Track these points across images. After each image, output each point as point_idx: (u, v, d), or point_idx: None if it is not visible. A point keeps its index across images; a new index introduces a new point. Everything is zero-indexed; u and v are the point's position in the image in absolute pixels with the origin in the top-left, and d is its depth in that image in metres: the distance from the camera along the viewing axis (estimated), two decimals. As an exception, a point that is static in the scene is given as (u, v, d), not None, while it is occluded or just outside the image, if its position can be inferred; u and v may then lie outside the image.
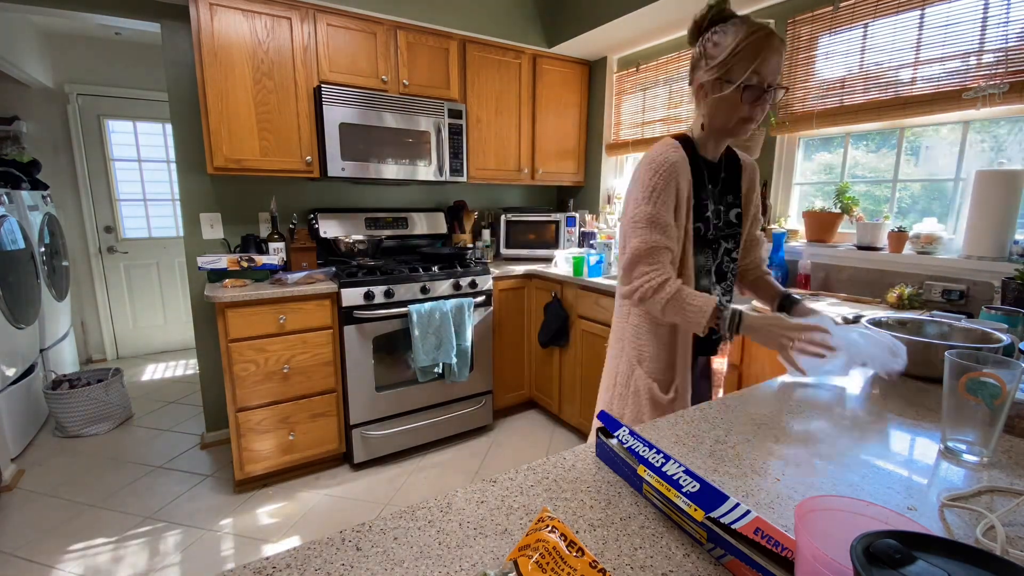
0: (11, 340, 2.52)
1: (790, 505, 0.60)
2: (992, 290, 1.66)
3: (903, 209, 2.05)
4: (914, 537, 0.35)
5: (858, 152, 2.17)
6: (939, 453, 0.73)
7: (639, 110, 3.06)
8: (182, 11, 2.31)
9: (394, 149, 2.53)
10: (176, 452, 2.62)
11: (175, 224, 4.16)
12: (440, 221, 3.10)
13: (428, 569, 0.49)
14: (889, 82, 1.91)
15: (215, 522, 2.05)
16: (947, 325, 1.08)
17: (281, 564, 0.50)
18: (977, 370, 0.68)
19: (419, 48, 2.62)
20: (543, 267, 2.91)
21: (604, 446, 0.69)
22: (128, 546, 1.91)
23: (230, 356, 2.08)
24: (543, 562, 0.45)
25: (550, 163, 3.24)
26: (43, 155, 3.51)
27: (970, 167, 1.81)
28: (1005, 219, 1.63)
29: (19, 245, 2.68)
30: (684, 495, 0.54)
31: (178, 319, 4.25)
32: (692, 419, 0.85)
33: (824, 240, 2.16)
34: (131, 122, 3.91)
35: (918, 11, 1.81)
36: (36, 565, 1.81)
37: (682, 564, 0.50)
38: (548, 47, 3.05)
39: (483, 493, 0.63)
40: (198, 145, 2.43)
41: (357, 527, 0.56)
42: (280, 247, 2.46)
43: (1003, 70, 1.62)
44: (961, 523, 0.56)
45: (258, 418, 2.18)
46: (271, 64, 2.26)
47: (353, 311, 2.26)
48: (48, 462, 2.51)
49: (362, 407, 2.37)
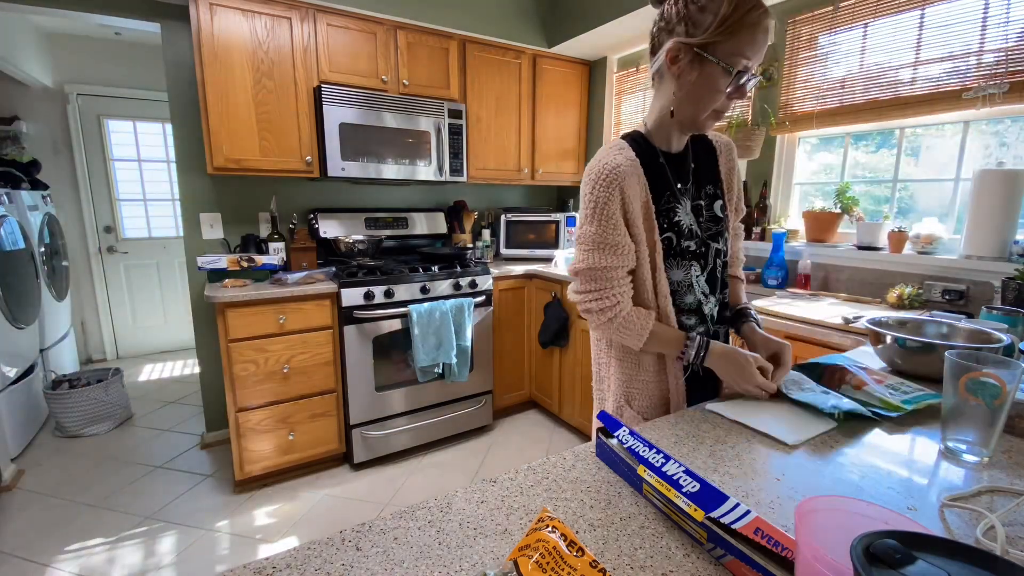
0: (11, 340, 2.52)
1: (790, 505, 0.60)
2: (992, 290, 1.66)
3: (903, 209, 2.05)
4: (914, 537, 0.35)
5: (858, 152, 2.17)
6: (939, 453, 0.73)
7: (639, 110, 3.06)
8: (182, 11, 2.31)
9: (394, 149, 2.53)
10: (176, 452, 2.62)
11: (175, 224, 4.16)
12: (440, 221, 3.09)
13: (428, 569, 0.49)
14: (889, 82, 1.91)
15: (215, 522, 2.05)
16: (947, 325, 1.08)
17: (281, 564, 0.50)
18: (977, 370, 0.68)
19: (419, 48, 2.62)
20: (543, 267, 2.91)
21: (604, 446, 0.69)
22: (128, 546, 1.91)
23: (230, 356, 2.08)
24: (543, 562, 0.45)
25: (550, 163, 3.24)
26: (43, 155, 3.51)
27: (970, 167, 1.81)
28: (1005, 219, 1.63)
29: (19, 245, 2.68)
30: (684, 495, 0.54)
31: (178, 319, 4.25)
32: (692, 419, 0.85)
33: (824, 240, 2.16)
34: (131, 122, 3.90)
35: (918, 11, 1.81)
36: (36, 565, 1.81)
37: (682, 564, 0.50)
38: (548, 47, 3.05)
39: (483, 493, 0.63)
40: (198, 145, 2.43)
41: (357, 527, 0.56)
42: (280, 247, 2.46)
43: (1003, 70, 1.62)
44: (961, 523, 0.56)
45: (258, 418, 2.18)
46: (271, 64, 2.26)
47: (353, 311, 2.26)
48: (48, 462, 2.51)
49: (362, 407, 2.37)
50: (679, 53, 0.85)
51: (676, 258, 0.95)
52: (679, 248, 0.95)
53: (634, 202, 0.90)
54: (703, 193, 1.00)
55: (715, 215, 1.01)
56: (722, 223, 1.01)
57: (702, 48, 0.82)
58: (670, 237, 0.94)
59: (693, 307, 0.99)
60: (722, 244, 1.01)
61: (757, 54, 0.83)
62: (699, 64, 0.84)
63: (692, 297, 0.98)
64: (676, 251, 0.95)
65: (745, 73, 0.82)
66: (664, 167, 0.95)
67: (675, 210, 0.95)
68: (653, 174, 0.93)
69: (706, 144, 1.03)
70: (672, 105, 0.90)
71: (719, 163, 1.03)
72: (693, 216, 0.97)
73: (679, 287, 0.96)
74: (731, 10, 0.79)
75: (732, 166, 1.05)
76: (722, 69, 0.82)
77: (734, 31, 0.80)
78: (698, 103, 0.87)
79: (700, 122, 0.90)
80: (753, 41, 0.81)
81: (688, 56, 0.84)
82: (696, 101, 0.87)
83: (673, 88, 0.89)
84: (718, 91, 0.84)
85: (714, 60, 0.82)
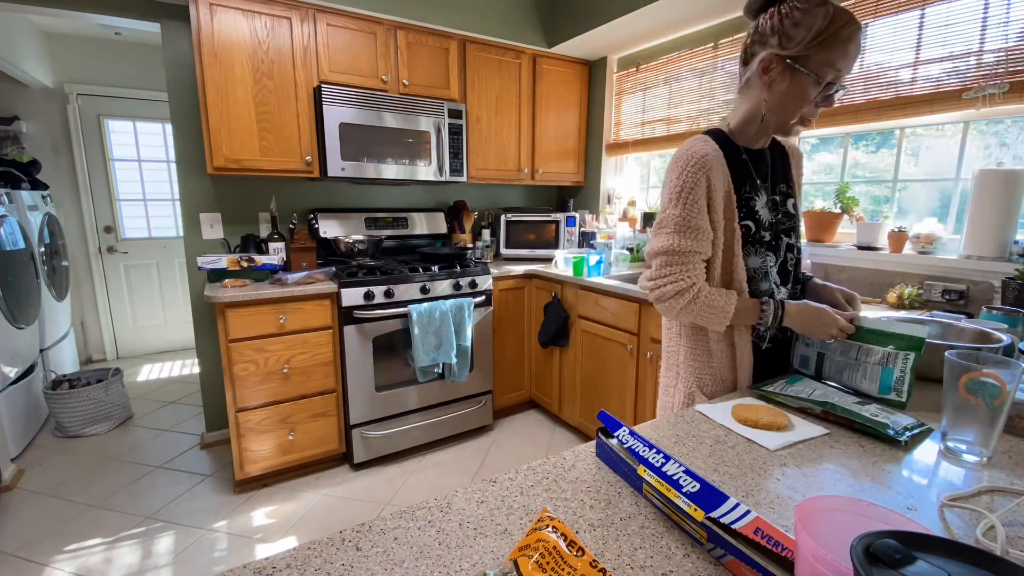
0: (11, 340, 2.52)
1: (790, 505, 0.60)
2: (992, 290, 1.66)
3: (903, 209, 2.05)
4: (914, 537, 0.35)
5: (858, 152, 2.17)
6: (939, 453, 0.73)
7: (639, 110, 3.06)
8: (182, 11, 2.31)
9: (394, 149, 2.53)
10: (176, 452, 2.62)
11: (175, 224, 4.16)
12: (440, 221, 3.10)
13: (428, 569, 0.49)
14: (889, 82, 1.91)
15: (214, 522, 2.05)
16: (947, 325, 1.08)
17: (281, 564, 0.50)
18: (977, 370, 0.68)
19: (419, 48, 2.62)
20: (543, 267, 2.91)
21: (604, 446, 0.69)
22: (128, 546, 1.91)
23: (230, 356, 2.08)
24: (543, 562, 0.45)
25: (550, 163, 3.24)
26: (43, 155, 3.51)
27: (970, 167, 1.81)
28: (1005, 219, 1.63)
29: (19, 245, 2.68)
30: (684, 495, 0.54)
31: (178, 319, 4.25)
32: (692, 419, 0.85)
33: (824, 240, 2.16)
34: (131, 122, 3.90)
35: (918, 11, 1.81)
36: (36, 565, 1.81)
37: (682, 564, 0.50)
38: (548, 47, 3.05)
39: (483, 493, 0.63)
40: (198, 145, 2.43)
41: (357, 527, 0.56)
42: (280, 247, 2.46)
43: (1003, 70, 1.62)
44: (961, 523, 0.56)
45: (258, 418, 2.18)
46: (271, 64, 2.26)
47: (353, 311, 2.26)
48: (48, 462, 2.51)
49: (362, 407, 2.37)
50: (771, 64, 0.91)
51: (754, 245, 1.01)
52: (757, 236, 1.01)
53: (718, 190, 0.96)
54: (779, 190, 1.07)
55: (788, 211, 1.07)
56: (794, 219, 1.08)
57: (794, 60, 0.88)
58: (748, 225, 1.00)
59: (767, 295, 1.04)
60: (794, 239, 1.08)
61: (847, 65, 0.88)
62: (790, 74, 0.90)
63: (767, 284, 1.03)
64: (754, 239, 1.01)
65: (834, 84, 0.88)
66: (747, 162, 1.02)
67: (754, 200, 1.01)
68: (735, 167, 1.00)
69: (780, 149, 1.10)
70: (764, 110, 0.96)
71: (791, 167, 1.11)
72: (769, 209, 1.04)
73: (755, 274, 1.02)
74: (825, 24, 0.85)
75: (800, 172, 1.13)
76: (812, 79, 0.88)
77: (826, 44, 0.86)
78: (787, 110, 0.93)
79: (788, 127, 0.96)
80: (845, 54, 0.86)
81: (780, 67, 0.91)
82: (785, 108, 0.93)
83: (764, 96, 0.95)
84: (806, 99, 0.91)
85: (805, 72, 0.88)
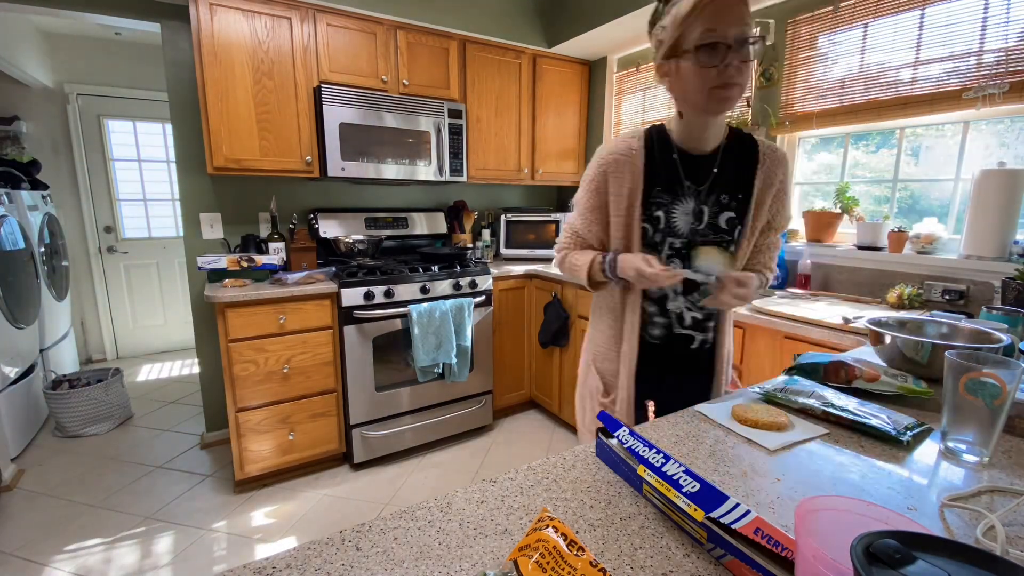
0: (11, 340, 2.52)
1: (790, 505, 0.60)
2: (992, 290, 1.66)
3: (903, 209, 2.05)
4: (914, 537, 0.35)
5: (858, 152, 2.17)
6: (939, 453, 0.73)
7: (639, 110, 3.06)
8: (182, 11, 2.31)
9: (394, 149, 2.53)
10: (176, 452, 2.62)
11: (175, 224, 4.16)
12: (440, 221, 3.09)
13: (428, 569, 0.49)
14: (889, 82, 1.91)
15: (215, 522, 2.05)
16: (947, 325, 1.08)
17: (281, 564, 0.50)
18: (977, 370, 0.68)
19: (419, 48, 2.62)
20: (543, 267, 2.91)
21: (604, 446, 0.69)
22: (127, 546, 1.91)
23: (230, 356, 2.08)
24: (543, 562, 0.45)
25: (550, 163, 3.24)
26: (43, 155, 3.51)
27: (970, 167, 1.81)
28: (1005, 219, 1.63)
29: (19, 245, 2.68)
30: (684, 495, 0.54)
31: (178, 319, 4.25)
32: (692, 419, 0.85)
33: (824, 240, 2.16)
34: (131, 122, 3.90)
35: (918, 11, 1.81)
36: (36, 565, 1.81)
37: (682, 564, 0.50)
38: (548, 47, 3.05)
39: (483, 493, 0.63)
40: (198, 145, 2.42)
41: (357, 527, 0.56)
42: (280, 247, 2.46)
43: (1003, 70, 1.62)
44: (961, 523, 0.56)
45: (258, 418, 2.18)
46: (271, 64, 2.26)
47: (353, 311, 2.26)
48: (48, 462, 2.51)
49: (362, 407, 2.37)
50: (660, 67, 0.96)
51: (649, 248, 1.04)
52: (652, 240, 1.03)
53: (621, 188, 1.02)
54: (714, 200, 1.02)
55: (716, 224, 1.02)
56: (722, 235, 1.03)
57: (672, 53, 0.91)
58: (645, 228, 1.03)
59: (656, 297, 1.08)
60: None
61: (725, 20, 0.84)
62: (676, 65, 0.92)
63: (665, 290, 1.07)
64: (650, 242, 1.03)
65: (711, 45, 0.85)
66: (675, 162, 1.01)
67: (664, 203, 1.01)
68: (659, 166, 1.01)
69: (750, 154, 1.03)
70: (678, 107, 0.99)
71: (756, 174, 1.02)
72: (692, 217, 1.02)
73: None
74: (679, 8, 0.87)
75: (771, 181, 1.03)
76: (692, 57, 0.88)
77: (689, 19, 0.86)
78: (692, 91, 0.92)
79: (706, 106, 0.92)
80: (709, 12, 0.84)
81: (666, 66, 0.94)
82: (688, 91, 0.92)
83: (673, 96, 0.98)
84: (700, 73, 0.88)
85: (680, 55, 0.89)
